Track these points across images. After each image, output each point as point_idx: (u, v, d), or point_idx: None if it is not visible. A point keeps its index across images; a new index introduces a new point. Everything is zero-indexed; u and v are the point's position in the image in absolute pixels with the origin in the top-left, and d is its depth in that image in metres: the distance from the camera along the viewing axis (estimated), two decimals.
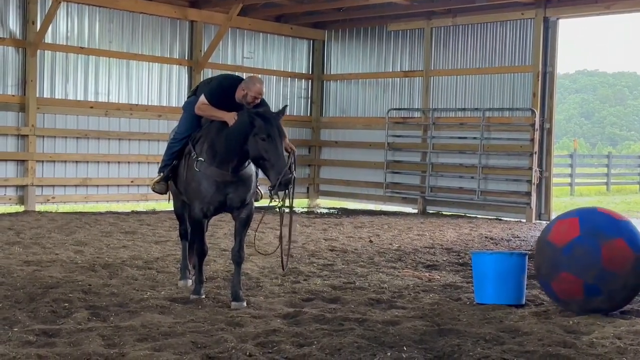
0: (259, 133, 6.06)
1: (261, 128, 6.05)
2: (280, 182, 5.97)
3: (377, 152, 17.22)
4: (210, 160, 6.40)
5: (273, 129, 6.05)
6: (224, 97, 6.55)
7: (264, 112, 6.15)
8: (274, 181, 6.01)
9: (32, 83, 14.00)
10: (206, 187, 6.42)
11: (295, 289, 7.25)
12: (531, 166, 14.90)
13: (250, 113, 6.13)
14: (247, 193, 6.49)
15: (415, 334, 5.39)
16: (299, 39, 18.21)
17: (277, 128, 6.08)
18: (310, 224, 13.33)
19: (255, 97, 6.46)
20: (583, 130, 66.85)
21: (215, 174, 6.38)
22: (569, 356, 4.84)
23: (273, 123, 6.08)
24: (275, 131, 6.05)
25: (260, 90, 6.48)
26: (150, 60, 15.70)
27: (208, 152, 6.44)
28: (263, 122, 6.06)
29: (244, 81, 6.59)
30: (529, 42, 15.11)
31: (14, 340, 5.00)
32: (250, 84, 6.48)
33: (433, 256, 9.86)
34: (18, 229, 11.17)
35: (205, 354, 4.75)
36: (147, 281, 7.46)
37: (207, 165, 6.41)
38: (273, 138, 6.04)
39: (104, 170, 15.10)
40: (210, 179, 6.40)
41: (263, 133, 6.05)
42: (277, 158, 6.01)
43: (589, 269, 6.09)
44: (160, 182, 6.99)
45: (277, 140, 6.05)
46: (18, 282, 7.00)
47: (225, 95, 6.56)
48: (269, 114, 6.16)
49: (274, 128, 6.05)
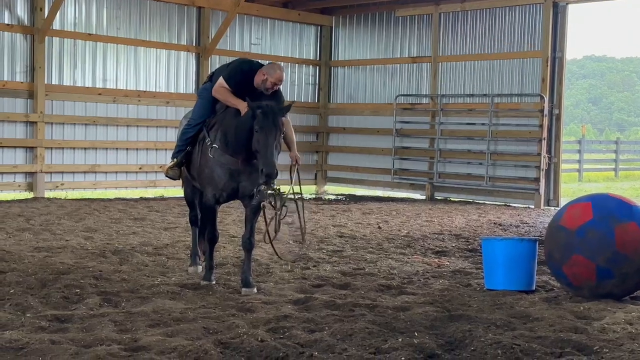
0: (255, 125, 6.10)
1: (258, 121, 6.08)
2: (263, 173, 5.97)
3: (385, 138, 17.19)
4: (223, 148, 6.41)
5: (267, 122, 6.06)
6: (242, 81, 6.53)
7: (267, 106, 6.14)
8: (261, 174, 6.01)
9: (40, 70, 14.01)
10: (219, 174, 6.43)
11: (305, 275, 7.27)
12: (540, 152, 14.86)
13: (253, 107, 6.15)
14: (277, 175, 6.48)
15: (426, 320, 5.40)
16: (307, 25, 18.15)
17: (272, 122, 6.07)
18: (318, 210, 13.34)
19: (274, 84, 6.46)
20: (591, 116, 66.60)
21: (229, 162, 6.38)
22: (580, 342, 4.84)
23: (270, 117, 6.08)
24: (269, 124, 6.06)
25: (281, 77, 6.47)
26: (158, 46, 15.69)
27: (222, 140, 6.44)
28: (261, 115, 6.08)
29: (265, 66, 6.58)
30: (538, 28, 15.03)
31: (27, 326, 5.03)
32: (271, 69, 6.48)
33: (442, 242, 9.86)
34: (28, 215, 11.21)
35: (217, 339, 4.77)
36: (158, 267, 7.48)
37: (221, 152, 6.41)
38: (264, 130, 6.04)
39: (112, 156, 15.13)
40: (224, 167, 6.41)
41: (257, 125, 6.08)
42: (265, 150, 6.02)
43: (602, 252, 6.09)
44: (174, 168, 6.99)
45: (269, 133, 6.04)
46: (29, 269, 7.03)
47: (243, 78, 6.55)
48: (270, 108, 6.13)
49: (268, 121, 6.06)
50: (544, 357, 4.52)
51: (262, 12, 17.15)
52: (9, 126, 13.87)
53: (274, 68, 6.50)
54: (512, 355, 4.52)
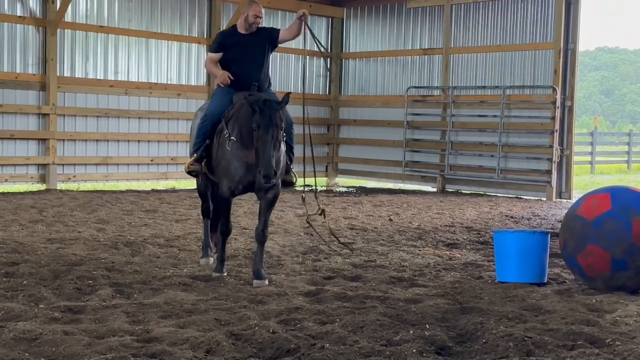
0: (254, 123, 6.13)
1: (256, 119, 6.11)
2: (261, 174, 5.97)
3: (396, 130, 17.16)
4: (240, 141, 6.41)
5: (263, 120, 6.07)
6: (223, 39, 7.03)
7: (263, 102, 6.13)
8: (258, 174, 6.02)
9: (52, 62, 14.06)
10: (236, 166, 6.43)
11: (316, 267, 7.27)
12: (552, 144, 14.80)
13: (250, 103, 6.16)
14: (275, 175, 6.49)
15: (437, 312, 5.40)
16: (318, 17, 18.12)
17: (269, 118, 6.07)
18: (329, 202, 13.35)
19: (255, 16, 6.86)
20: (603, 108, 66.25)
21: (246, 156, 6.38)
22: (593, 334, 4.83)
23: (266, 113, 6.08)
24: (265, 122, 6.06)
25: (258, 10, 6.89)
26: (170, 38, 15.71)
27: (238, 133, 6.45)
28: (259, 112, 6.09)
29: (245, 7, 6.97)
30: (550, 19, 14.94)
31: (40, 317, 5.06)
32: (249, 5, 6.91)
33: (453, 234, 9.85)
34: (40, 207, 11.27)
35: (228, 330, 4.79)
36: (169, 259, 7.51)
37: (238, 145, 6.42)
38: (262, 129, 6.05)
39: (124, 149, 15.18)
40: (241, 160, 6.41)
41: (255, 123, 6.11)
42: (263, 150, 6.02)
43: (619, 243, 6.07)
44: (194, 164, 6.96)
45: (266, 131, 6.04)
46: (42, 260, 7.07)
47: (223, 37, 7.09)
48: (265, 104, 6.12)
49: (264, 119, 6.07)
50: (556, 349, 4.51)
51: (274, 4, 17.12)
52: (22, 118, 13.93)
53: (250, 3, 6.92)
54: (524, 348, 4.51)
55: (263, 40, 7.00)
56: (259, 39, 6.97)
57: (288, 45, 17.61)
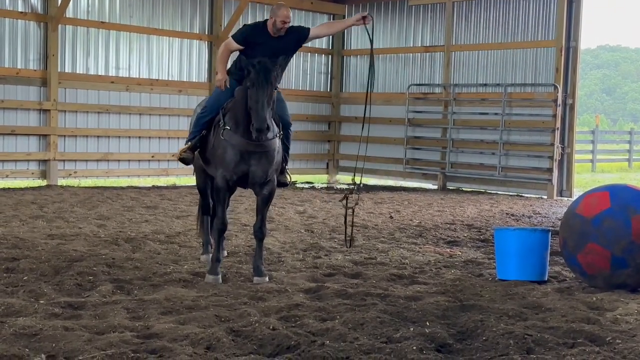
0: (248, 82, 6.16)
1: (250, 77, 6.14)
2: (254, 127, 6.01)
3: (397, 127, 17.15)
4: (235, 129, 6.41)
5: (258, 77, 6.09)
6: (251, 34, 6.70)
7: (258, 62, 6.15)
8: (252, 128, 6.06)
9: (53, 58, 14.05)
10: (230, 154, 6.40)
11: (316, 264, 7.27)
12: (553, 142, 14.79)
13: (245, 65, 6.19)
14: (270, 167, 6.48)
15: (437, 310, 5.40)
16: (319, 14, 18.10)
17: (264, 78, 6.08)
18: (330, 199, 13.34)
19: (283, 22, 6.62)
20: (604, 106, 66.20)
21: (240, 143, 6.35)
22: (593, 332, 4.82)
23: (260, 71, 6.10)
24: (259, 79, 6.08)
25: (286, 15, 6.64)
26: (171, 35, 15.70)
27: (233, 120, 6.45)
28: (253, 71, 6.12)
29: (271, 10, 6.75)
30: (552, 17, 14.93)
31: (40, 313, 5.06)
32: (276, 10, 6.67)
33: (454, 232, 9.84)
34: (41, 203, 11.27)
35: (229, 327, 4.78)
36: (170, 255, 7.51)
37: (232, 133, 6.41)
38: (255, 86, 6.08)
39: (124, 145, 15.17)
40: (235, 148, 6.39)
41: (249, 82, 6.14)
42: (256, 105, 6.04)
43: (618, 241, 6.07)
44: (187, 151, 6.93)
45: (260, 88, 6.06)
46: (43, 256, 7.07)
47: (252, 31, 6.75)
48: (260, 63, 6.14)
49: (259, 76, 6.09)
50: (556, 347, 4.51)
51: (275, 1, 17.10)
52: (23, 114, 13.92)
53: (278, 7, 6.70)
54: (524, 346, 4.51)
55: (290, 45, 6.82)
56: (286, 43, 6.77)
57: None
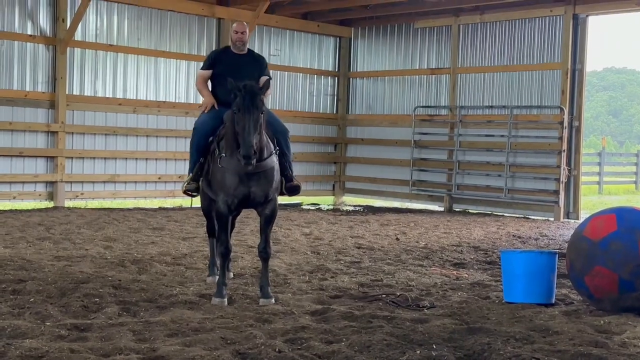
0: (234, 106, 6.21)
1: (236, 102, 6.19)
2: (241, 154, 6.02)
3: (403, 149, 17.18)
4: (230, 154, 6.44)
5: (243, 103, 6.12)
6: (215, 58, 7.37)
7: (243, 85, 6.20)
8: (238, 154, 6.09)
9: (62, 80, 14.15)
10: (230, 179, 6.42)
11: (322, 286, 7.26)
12: (559, 164, 14.78)
13: (232, 88, 6.24)
14: (270, 187, 6.51)
15: (444, 332, 5.37)
16: (326, 36, 18.21)
17: (250, 102, 6.11)
18: (336, 221, 13.34)
19: (235, 32, 7.27)
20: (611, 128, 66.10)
21: (237, 167, 6.37)
22: (601, 356, 4.79)
23: (246, 97, 6.13)
24: (244, 104, 6.11)
25: (239, 27, 7.28)
26: (178, 57, 15.80)
27: (227, 146, 6.49)
28: (239, 95, 6.18)
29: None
30: (557, 39, 14.98)
31: (47, 335, 5.05)
32: (234, 25, 7.37)
33: (460, 254, 9.82)
34: (48, 224, 11.29)
35: (235, 349, 4.77)
36: (176, 277, 7.51)
37: (228, 159, 6.44)
38: (242, 110, 6.11)
39: (131, 166, 15.23)
40: (233, 172, 6.41)
41: (236, 106, 6.19)
42: (242, 131, 6.06)
43: (625, 264, 6.03)
44: (191, 182, 7.03)
45: (246, 112, 6.08)
46: (49, 277, 7.08)
47: (216, 55, 7.45)
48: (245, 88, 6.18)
49: (244, 101, 6.12)
50: None
51: (282, 24, 17.23)
52: (31, 136, 14.00)
53: (236, 23, 7.39)
54: None
55: (255, 62, 7.31)
56: (250, 59, 7.31)
57: (296, 64, 17.82)
